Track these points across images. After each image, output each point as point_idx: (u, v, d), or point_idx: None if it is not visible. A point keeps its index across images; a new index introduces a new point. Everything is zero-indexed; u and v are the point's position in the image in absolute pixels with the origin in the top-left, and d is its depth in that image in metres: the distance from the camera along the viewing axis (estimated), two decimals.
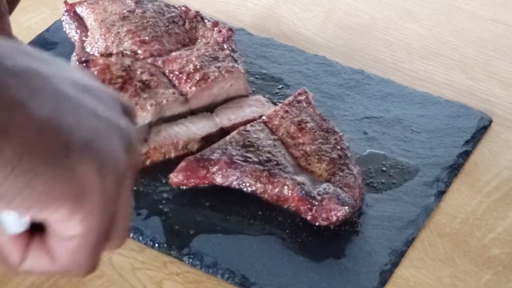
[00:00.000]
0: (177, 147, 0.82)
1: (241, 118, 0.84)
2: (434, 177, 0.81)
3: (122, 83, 0.83)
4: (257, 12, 1.05)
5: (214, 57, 0.88)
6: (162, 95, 0.84)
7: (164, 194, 0.79)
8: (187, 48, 0.90)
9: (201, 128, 0.83)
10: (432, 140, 0.85)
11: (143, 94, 0.83)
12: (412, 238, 0.76)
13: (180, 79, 0.86)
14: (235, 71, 0.87)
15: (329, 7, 1.06)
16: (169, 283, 0.73)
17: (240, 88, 0.88)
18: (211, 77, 0.85)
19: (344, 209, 0.74)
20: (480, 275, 0.74)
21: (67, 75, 0.45)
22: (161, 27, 0.92)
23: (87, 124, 0.43)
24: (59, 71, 0.44)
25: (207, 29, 0.93)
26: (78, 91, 0.44)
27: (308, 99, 0.84)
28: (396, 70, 0.96)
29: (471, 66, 0.97)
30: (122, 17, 0.92)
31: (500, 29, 1.03)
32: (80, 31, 0.93)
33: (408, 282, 0.73)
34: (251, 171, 0.76)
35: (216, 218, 0.77)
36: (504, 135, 0.88)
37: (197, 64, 0.86)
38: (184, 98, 0.85)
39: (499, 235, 0.77)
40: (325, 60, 0.95)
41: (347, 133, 0.85)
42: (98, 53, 0.89)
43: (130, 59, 0.87)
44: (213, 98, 0.87)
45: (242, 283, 0.72)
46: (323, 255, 0.74)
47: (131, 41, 0.89)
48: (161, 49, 0.89)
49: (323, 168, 0.78)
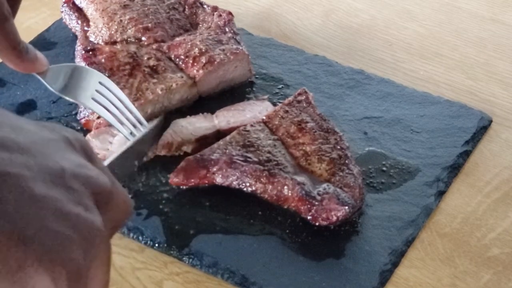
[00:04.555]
0: (171, 148, 0.82)
1: (240, 123, 0.84)
2: (434, 177, 0.81)
3: (130, 69, 0.85)
4: (257, 12, 1.05)
5: (217, 40, 0.90)
6: (171, 79, 0.86)
7: (164, 194, 0.79)
8: (190, 33, 0.92)
9: (197, 129, 0.83)
10: (432, 140, 0.85)
11: (152, 79, 0.85)
12: (412, 238, 0.76)
13: (186, 63, 0.87)
14: (240, 52, 0.89)
15: (329, 7, 1.06)
16: (169, 283, 0.73)
17: (244, 70, 0.91)
18: (217, 59, 0.88)
19: (344, 209, 0.74)
20: (480, 275, 0.74)
21: (40, 166, 0.44)
22: (162, 14, 0.93)
23: (49, 231, 0.42)
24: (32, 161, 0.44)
25: (207, 14, 0.95)
26: (48, 186, 0.44)
27: (308, 99, 0.84)
28: (396, 70, 0.96)
29: (471, 66, 0.97)
30: (123, 6, 0.93)
31: (500, 29, 1.03)
32: (81, 21, 0.94)
33: (408, 282, 0.73)
34: (251, 171, 0.76)
35: (216, 218, 0.77)
36: (504, 135, 0.88)
37: (202, 47, 0.88)
38: (192, 81, 0.87)
39: (499, 235, 0.77)
40: (325, 60, 0.95)
41: (347, 133, 0.85)
42: (102, 41, 0.90)
43: (135, 46, 0.89)
44: (219, 81, 0.89)
45: (242, 283, 0.72)
46: (323, 255, 0.74)
47: (134, 29, 0.91)
48: (165, 35, 0.91)
49: (323, 168, 0.78)
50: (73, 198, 0.45)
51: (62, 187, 0.45)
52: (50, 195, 0.44)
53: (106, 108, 0.78)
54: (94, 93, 0.77)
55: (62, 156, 0.46)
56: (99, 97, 0.77)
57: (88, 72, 0.78)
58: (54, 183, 0.44)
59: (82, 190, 0.46)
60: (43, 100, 0.89)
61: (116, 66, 0.85)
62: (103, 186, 0.47)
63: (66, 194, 0.44)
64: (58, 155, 0.46)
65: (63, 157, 0.46)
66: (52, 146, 0.46)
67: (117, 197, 0.48)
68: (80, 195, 0.45)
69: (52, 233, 0.43)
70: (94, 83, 0.78)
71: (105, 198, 0.47)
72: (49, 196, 0.44)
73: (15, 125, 0.46)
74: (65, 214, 0.44)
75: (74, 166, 0.46)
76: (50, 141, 0.47)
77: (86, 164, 0.47)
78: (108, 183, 0.47)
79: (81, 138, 0.49)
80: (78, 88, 0.77)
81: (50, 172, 0.44)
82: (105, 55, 0.86)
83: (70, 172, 0.45)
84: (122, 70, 0.85)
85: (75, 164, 0.46)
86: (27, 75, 0.92)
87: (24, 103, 0.89)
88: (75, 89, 0.77)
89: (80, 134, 0.50)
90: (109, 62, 0.85)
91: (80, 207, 0.45)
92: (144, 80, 0.85)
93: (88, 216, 0.45)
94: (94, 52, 0.87)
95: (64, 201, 0.44)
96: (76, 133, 0.49)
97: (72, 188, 0.45)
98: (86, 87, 0.77)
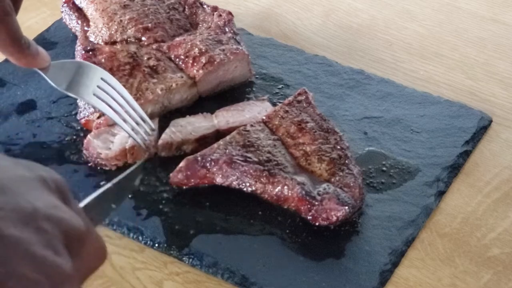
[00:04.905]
0: (171, 148, 0.82)
1: (239, 123, 0.84)
2: (434, 177, 0.81)
3: (130, 69, 0.85)
4: (257, 12, 1.05)
5: (217, 40, 0.90)
6: (170, 79, 0.86)
7: (164, 194, 0.79)
8: (190, 33, 0.92)
9: (196, 129, 0.83)
10: (432, 140, 0.85)
11: (152, 79, 0.85)
12: (412, 238, 0.76)
13: (186, 63, 0.88)
14: (240, 52, 0.89)
15: (329, 7, 1.06)
16: (169, 283, 0.73)
17: (244, 70, 0.91)
18: (217, 59, 0.88)
19: (344, 209, 0.74)
20: (480, 275, 0.74)
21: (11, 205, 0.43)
22: (162, 14, 0.94)
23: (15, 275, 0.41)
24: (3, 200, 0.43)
25: (207, 14, 0.95)
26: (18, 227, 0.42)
27: (308, 99, 0.84)
28: (396, 70, 0.96)
29: (471, 66, 0.97)
30: (123, 6, 0.94)
31: (500, 29, 1.03)
32: (81, 21, 0.94)
33: (408, 282, 0.73)
34: (251, 171, 0.76)
35: (216, 218, 0.77)
36: (504, 135, 0.88)
37: (202, 47, 0.88)
38: (192, 81, 0.87)
39: (499, 235, 0.77)
40: (325, 60, 0.95)
41: (347, 133, 0.85)
42: (102, 41, 0.91)
43: (135, 46, 0.89)
44: (219, 81, 0.89)
45: (242, 283, 0.72)
46: (323, 255, 0.74)
47: (134, 29, 0.91)
48: (165, 35, 0.91)
49: (323, 168, 0.78)
50: (43, 240, 0.43)
51: (32, 228, 0.43)
52: (18, 237, 0.42)
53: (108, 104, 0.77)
54: (96, 89, 0.77)
55: (35, 195, 0.45)
56: (100, 93, 0.77)
57: (91, 68, 0.78)
58: (24, 223, 0.43)
59: (54, 232, 0.44)
60: (43, 100, 0.89)
61: (116, 66, 0.85)
62: (76, 229, 0.45)
63: (36, 235, 0.43)
64: (31, 195, 0.44)
65: (37, 197, 0.45)
66: (26, 185, 0.45)
67: (91, 242, 0.46)
68: (50, 237, 0.43)
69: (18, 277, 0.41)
70: (96, 79, 0.77)
71: (77, 242, 0.45)
72: (17, 237, 0.42)
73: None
74: (33, 257, 0.42)
75: (47, 207, 0.44)
76: (24, 179, 0.45)
77: (60, 205, 0.46)
78: (82, 227, 0.46)
79: (58, 178, 0.48)
80: (80, 84, 0.77)
81: (21, 212, 0.43)
82: (105, 55, 0.86)
83: (42, 213, 0.44)
84: (122, 70, 0.85)
85: (48, 205, 0.45)
86: (27, 75, 0.92)
87: (24, 103, 0.89)
88: (77, 86, 0.77)
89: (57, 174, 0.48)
90: (109, 62, 0.85)
91: (50, 250, 0.43)
92: (144, 80, 0.85)
93: (56, 260, 0.43)
94: (94, 52, 0.87)
95: (34, 243, 0.42)
96: (54, 173, 0.47)
97: (43, 229, 0.43)
98: (88, 84, 0.77)
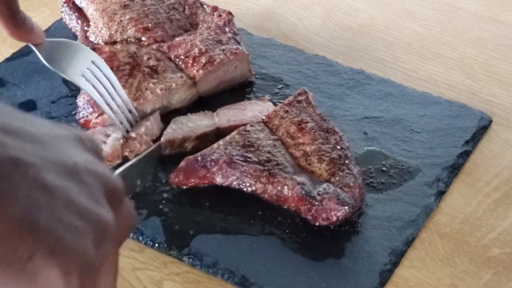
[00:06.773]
0: (173, 145, 0.82)
1: (240, 121, 0.84)
2: (434, 177, 0.81)
3: (130, 69, 0.86)
4: (257, 12, 1.05)
5: (217, 40, 0.90)
6: (170, 79, 0.86)
7: (164, 194, 0.79)
8: (190, 33, 0.93)
9: (197, 126, 0.83)
10: (432, 140, 0.85)
11: (151, 79, 0.85)
12: (412, 238, 0.76)
13: (186, 63, 0.88)
14: (240, 52, 0.89)
15: (329, 7, 1.06)
16: (169, 283, 0.73)
17: (244, 70, 0.91)
18: (217, 59, 0.88)
19: (344, 209, 0.74)
20: (480, 275, 0.74)
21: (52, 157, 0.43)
22: (162, 14, 0.94)
23: (60, 221, 0.41)
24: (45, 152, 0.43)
25: (207, 14, 0.95)
26: (61, 178, 0.43)
27: (308, 99, 0.84)
28: (396, 70, 0.96)
29: (471, 66, 0.97)
30: (122, 6, 0.94)
31: (500, 29, 1.03)
32: (81, 21, 0.94)
33: (408, 282, 0.73)
34: (251, 171, 0.76)
35: (216, 218, 0.77)
36: (504, 135, 0.88)
37: (202, 47, 0.88)
38: (192, 82, 0.87)
39: (499, 235, 0.77)
40: (325, 60, 0.95)
41: (347, 133, 0.85)
42: (102, 41, 0.91)
43: (135, 46, 0.89)
44: (219, 81, 0.89)
45: (242, 283, 0.72)
46: (323, 255, 0.74)
47: (134, 29, 0.91)
48: (165, 35, 0.91)
49: (323, 168, 0.78)
50: (85, 191, 0.44)
51: (75, 180, 0.43)
52: (62, 186, 0.42)
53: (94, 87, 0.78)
54: (86, 71, 0.78)
55: (74, 152, 0.45)
56: (89, 75, 0.78)
57: (84, 50, 0.79)
58: (67, 175, 0.43)
59: (96, 185, 0.44)
60: (43, 100, 0.89)
61: (116, 66, 0.85)
62: (116, 184, 0.46)
63: (78, 186, 0.43)
64: (71, 150, 0.45)
65: (76, 153, 0.45)
66: (65, 142, 0.45)
67: (127, 203, 0.47)
68: (92, 189, 0.44)
69: (63, 224, 0.41)
70: (88, 62, 0.78)
71: (117, 197, 0.46)
72: (61, 187, 0.42)
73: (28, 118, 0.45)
74: (77, 206, 0.42)
75: (87, 162, 0.45)
76: (64, 137, 0.46)
77: (99, 162, 0.47)
78: (121, 184, 0.46)
79: (94, 139, 0.48)
80: (70, 64, 0.78)
81: (63, 165, 0.43)
82: (105, 55, 0.86)
83: (83, 167, 0.44)
84: (122, 70, 0.85)
85: (88, 160, 0.45)
86: (27, 75, 0.92)
87: (24, 103, 0.89)
88: (67, 65, 0.78)
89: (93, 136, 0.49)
90: (109, 62, 0.85)
91: (93, 201, 0.44)
92: (144, 80, 0.85)
93: (100, 210, 0.44)
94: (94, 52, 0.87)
95: (76, 193, 0.43)
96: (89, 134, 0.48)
97: (85, 182, 0.44)
98: (78, 65, 0.78)
